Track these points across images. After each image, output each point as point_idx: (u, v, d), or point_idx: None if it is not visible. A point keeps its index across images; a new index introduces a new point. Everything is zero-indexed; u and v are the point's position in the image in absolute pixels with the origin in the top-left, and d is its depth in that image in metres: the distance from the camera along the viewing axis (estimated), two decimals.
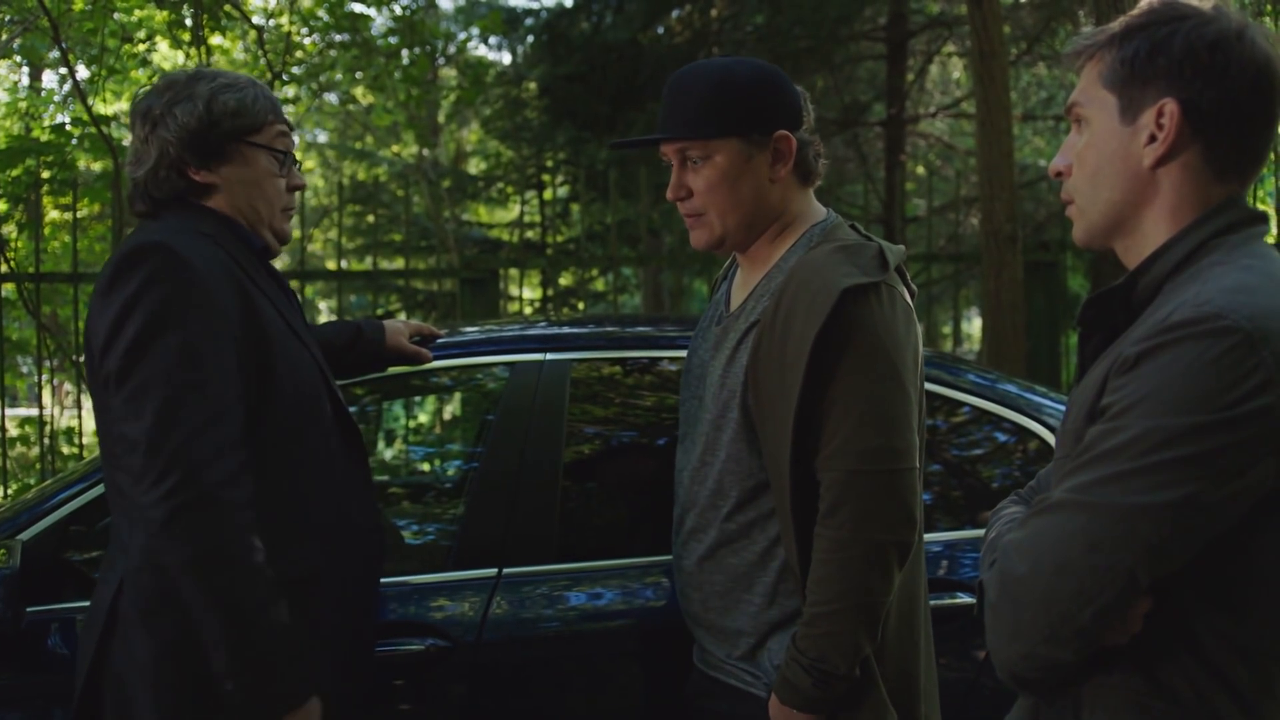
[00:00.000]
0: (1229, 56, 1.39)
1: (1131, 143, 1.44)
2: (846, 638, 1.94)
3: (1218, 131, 1.40)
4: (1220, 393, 1.24)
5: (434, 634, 2.48)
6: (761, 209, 2.12)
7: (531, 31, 10.84)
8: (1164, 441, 1.26)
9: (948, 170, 11.12)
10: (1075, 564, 1.30)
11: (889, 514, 1.94)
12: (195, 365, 1.90)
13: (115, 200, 5.70)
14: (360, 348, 2.58)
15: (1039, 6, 9.74)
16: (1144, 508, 1.27)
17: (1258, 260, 1.37)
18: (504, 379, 2.78)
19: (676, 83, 2.13)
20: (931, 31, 10.33)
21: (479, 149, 16.73)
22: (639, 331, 3.11)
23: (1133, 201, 1.45)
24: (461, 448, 3.72)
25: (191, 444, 1.86)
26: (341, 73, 9.26)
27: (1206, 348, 1.25)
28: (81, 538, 2.64)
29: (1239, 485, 1.26)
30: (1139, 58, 1.42)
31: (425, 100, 9.34)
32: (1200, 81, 1.39)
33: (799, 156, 2.11)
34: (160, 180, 2.09)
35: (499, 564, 2.57)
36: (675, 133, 2.10)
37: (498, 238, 11.21)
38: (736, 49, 10.20)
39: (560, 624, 2.57)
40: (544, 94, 10.26)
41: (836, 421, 1.95)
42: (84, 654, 2.02)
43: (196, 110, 2.08)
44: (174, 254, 1.95)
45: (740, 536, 2.10)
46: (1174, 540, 1.28)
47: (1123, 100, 1.44)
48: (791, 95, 2.12)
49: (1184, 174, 1.42)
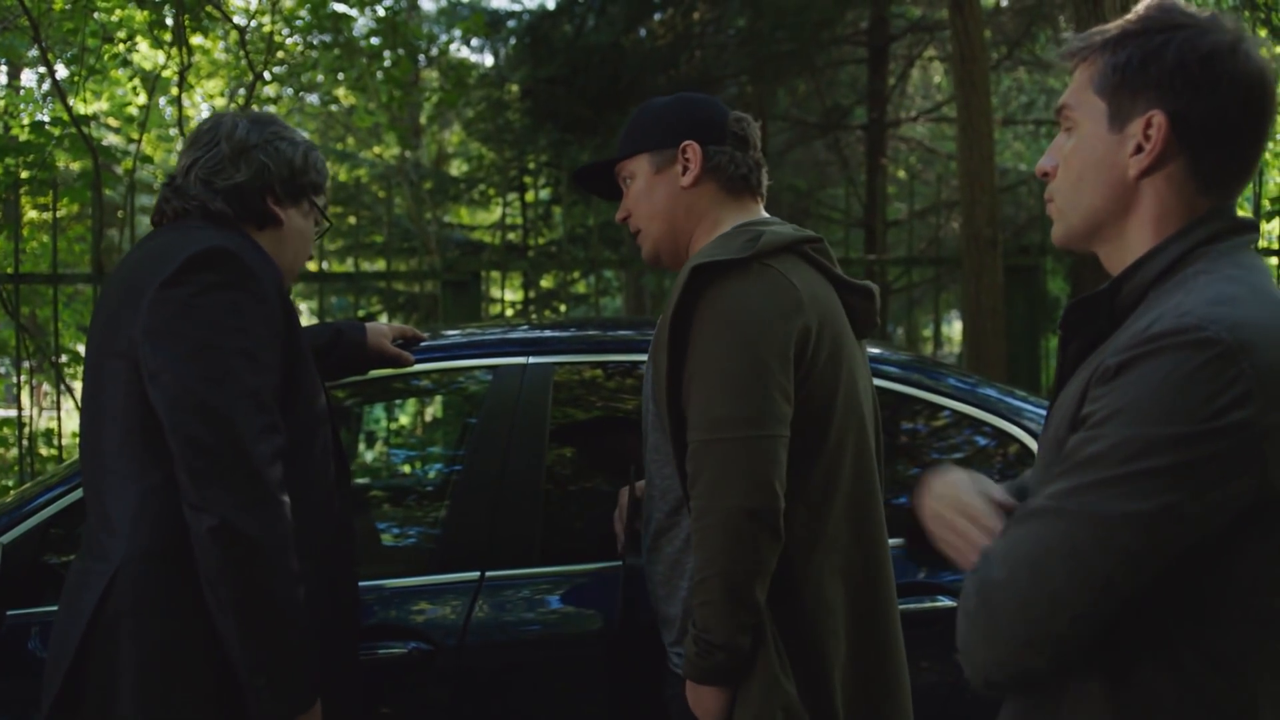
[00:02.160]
0: (1221, 70, 1.37)
1: (1118, 151, 1.43)
2: (717, 606, 1.99)
3: (1205, 145, 1.39)
4: (1200, 404, 1.23)
5: (416, 637, 2.47)
6: (677, 216, 2.27)
7: (514, 34, 10.83)
8: (1143, 451, 1.25)
9: (928, 174, 11.15)
10: (1053, 571, 1.29)
11: (738, 482, 1.98)
12: (256, 372, 1.98)
13: (96, 201, 5.68)
14: (340, 350, 2.57)
15: (1019, 12, 9.79)
16: (1123, 516, 1.26)
17: (1242, 271, 1.36)
18: (486, 382, 2.78)
19: None
20: (913, 36, 10.36)
21: (460, 151, 16.70)
22: (621, 335, 3.12)
23: (1115, 209, 1.44)
24: (443, 451, 3.71)
25: (255, 449, 1.93)
26: (323, 74, 9.24)
27: (1186, 359, 1.25)
28: (61, 541, 2.62)
29: (1217, 497, 1.25)
30: (1131, 65, 1.41)
31: (407, 102, 9.32)
32: (1190, 94, 1.38)
33: (710, 164, 2.24)
34: (244, 195, 2.19)
35: (482, 567, 2.56)
36: (605, 160, 2.36)
37: (480, 240, 11.19)
38: (718, 52, 10.21)
39: (543, 627, 2.57)
40: (526, 96, 10.24)
41: (692, 395, 2.04)
42: (61, 653, 2.00)
43: (298, 153, 2.25)
44: (241, 262, 2.03)
45: (671, 526, 2.20)
46: (1152, 550, 1.26)
47: (1112, 107, 1.43)
48: (704, 112, 2.28)
49: (1168, 185, 1.41)
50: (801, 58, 9.39)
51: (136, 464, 1.99)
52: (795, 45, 9.22)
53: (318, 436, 2.16)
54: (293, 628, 1.95)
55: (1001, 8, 10.00)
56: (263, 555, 1.91)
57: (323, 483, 2.15)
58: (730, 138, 2.26)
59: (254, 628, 1.92)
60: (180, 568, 1.94)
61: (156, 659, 1.94)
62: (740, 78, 10.09)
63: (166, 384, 1.95)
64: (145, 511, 1.97)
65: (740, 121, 2.29)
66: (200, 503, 1.90)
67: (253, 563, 1.90)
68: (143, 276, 2.03)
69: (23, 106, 6.58)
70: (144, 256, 2.09)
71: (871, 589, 2.17)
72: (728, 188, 2.26)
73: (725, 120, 2.28)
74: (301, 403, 2.11)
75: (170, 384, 1.94)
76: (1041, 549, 1.30)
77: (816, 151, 11.44)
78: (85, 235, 8.19)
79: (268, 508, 1.92)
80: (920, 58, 10.84)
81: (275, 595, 1.93)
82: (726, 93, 10.36)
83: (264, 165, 2.18)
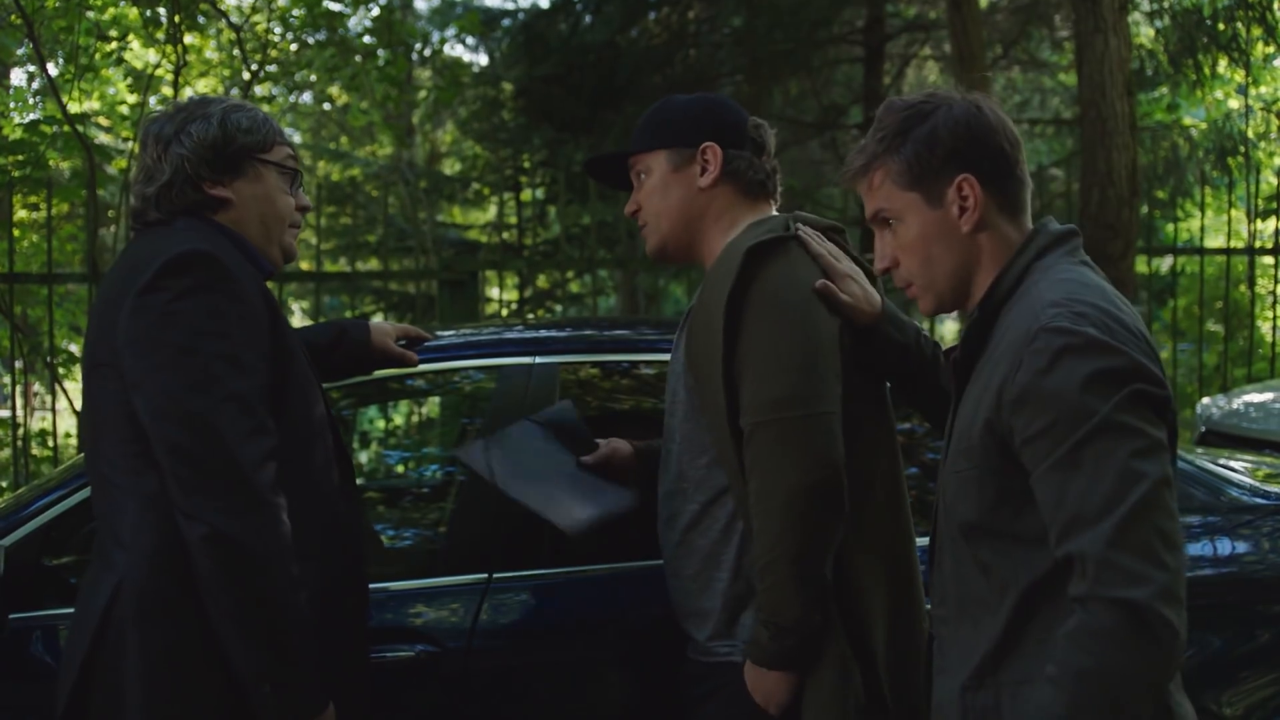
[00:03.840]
0: (982, 125, 1.72)
1: (946, 220, 1.73)
2: (786, 587, 2.01)
3: (1000, 184, 1.73)
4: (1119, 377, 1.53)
5: (423, 640, 2.45)
6: (692, 215, 2.29)
7: (509, 32, 10.80)
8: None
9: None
10: None
11: (799, 459, 2.00)
12: (240, 375, 1.94)
13: (91, 200, 5.63)
14: (344, 349, 2.54)
15: (1015, 11, 9.78)
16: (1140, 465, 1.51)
17: (1069, 274, 1.67)
18: (492, 383, 2.76)
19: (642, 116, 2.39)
20: (908, 35, 10.36)
21: (453, 150, 16.66)
22: (627, 335, 3.09)
23: (966, 262, 1.75)
24: (443, 452, 3.69)
25: (242, 453, 1.89)
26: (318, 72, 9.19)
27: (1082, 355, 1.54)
28: (63, 544, 2.59)
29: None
30: (921, 156, 1.72)
31: (402, 101, 9.29)
32: (975, 152, 1.71)
33: (729, 168, 2.27)
34: (175, 195, 2.12)
35: (489, 569, 2.54)
36: (620, 150, 2.38)
37: (476, 239, 11.16)
38: (714, 51, 10.20)
39: (551, 630, 2.55)
40: (521, 95, 10.22)
41: (746, 378, 2.06)
42: (71, 659, 1.99)
43: (211, 127, 2.14)
44: (219, 263, 1.99)
45: (704, 517, 2.20)
46: None
47: (923, 192, 1.73)
48: (727, 116, 2.31)
49: (994, 227, 1.74)
50: (798, 57, 9.38)
51: (132, 473, 1.96)
52: (791, 44, 9.21)
53: (317, 438, 2.12)
54: (294, 633, 1.92)
55: (998, 7, 9.99)
56: (257, 561, 1.88)
57: (326, 486, 2.12)
58: (749, 143, 2.30)
59: (254, 635, 1.89)
60: (183, 574, 1.91)
61: (163, 666, 1.92)
62: (736, 77, 10.08)
63: (148, 393, 1.92)
64: (146, 520, 1.94)
65: (759, 127, 2.33)
66: (191, 511, 1.87)
67: (248, 569, 1.87)
68: (122, 284, 2.00)
69: (13, 105, 6.52)
70: (124, 263, 2.07)
71: (907, 579, 2.21)
72: (744, 190, 2.30)
73: (745, 125, 2.31)
74: (295, 404, 2.07)
75: (152, 393, 1.92)
76: None
77: (812, 151, 11.43)
78: (76, 234, 8.14)
79: (259, 512, 1.89)
80: (916, 57, 10.83)
81: (274, 601, 1.90)
82: (722, 92, 10.34)
83: (181, 158, 2.11)
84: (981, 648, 1.66)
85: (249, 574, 1.88)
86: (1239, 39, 8.85)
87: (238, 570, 1.87)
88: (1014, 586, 1.62)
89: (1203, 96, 10.23)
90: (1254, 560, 2.75)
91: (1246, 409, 5.59)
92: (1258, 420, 5.43)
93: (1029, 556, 1.60)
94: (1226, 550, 2.74)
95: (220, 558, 1.86)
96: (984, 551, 1.66)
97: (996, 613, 1.64)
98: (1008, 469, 1.60)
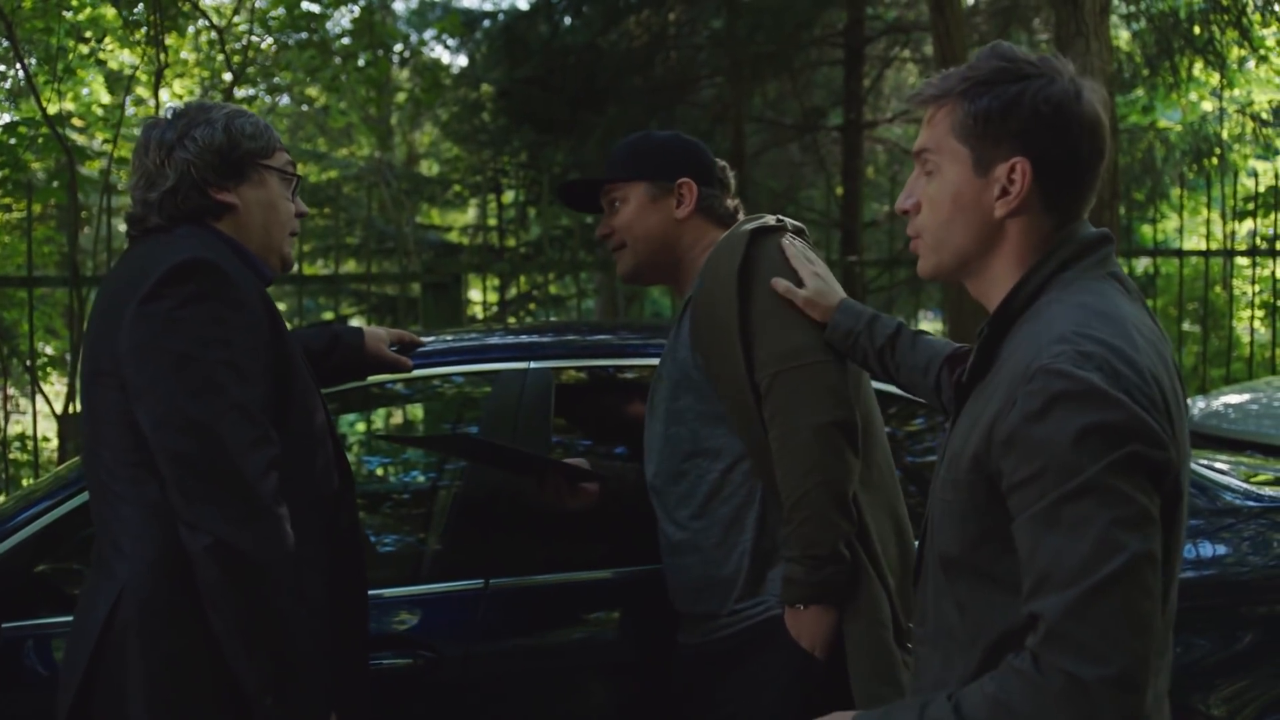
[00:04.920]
0: (1071, 116, 1.53)
1: (984, 194, 1.55)
2: (821, 517, 2.17)
3: (1059, 183, 1.55)
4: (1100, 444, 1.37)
5: (421, 647, 2.44)
6: (668, 245, 2.47)
7: (489, 34, 10.77)
8: None
9: (904, 175, 11.19)
10: None
11: (818, 398, 2.21)
12: (242, 384, 1.93)
13: (71, 203, 5.59)
14: (338, 355, 2.52)
15: (995, 14, 9.82)
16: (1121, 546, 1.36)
17: (1089, 296, 1.50)
18: (487, 387, 2.75)
19: (615, 146, 2.55)
20: (889, 38, 10.39)
21: (430, 152, 16.60)
22: (623, 340, 3.09)
23: (982, 247, 1.58)
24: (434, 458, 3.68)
25: (245, 462, 1.88)
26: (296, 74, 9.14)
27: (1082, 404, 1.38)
28: (55, 553, 2.57)
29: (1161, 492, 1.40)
30: (992, 115, 1.53)
31: (382, 102, 9.25)
32: (1048, 140, 1.53)
33: (703, 204, 2.47)
34: (180, 200, 2.11)
35: (486, 575, 2.53)
36: (599, 178, 2.51)
37: (458, 242, 11.12)
38: (694, 53, 10.20)
39: (548, 636, 2.54)
40: (502, 97, 10.19)
41: (761, 337, 2.26)
42: (73, 669, 1.97)
43: (216, 132, 2.13)
44: (221, 272, 1.97)
45: (724, 484, 2.31)
46: (1152, 559, 1.37)
47: (975, 153, 1.55)
48: (702, 157, 2.51)
49: (1029, 222, 1.56)
50: (779, 59, 9.39)
51: (134, 482, 1.95)
52: (773, 46, 9.22)
53: (318, 447, 2.11)
54: (297, 643, 1.91)
55: (977, 10, 10.04)
56: (261, 571, 1.87)
57: (326, 495, 2.11)
58: (718, 183, 2.51)
59: (257, 645, 1.88)
60: (185, 583, 1.90)
61: (164, 675, 1.90)
62: (716, 78, 10.08)
63: (150, 402, 1.90)
64: (148, 528, 1.93)
65: (725, 169, 2.56)
66: (194, 521, 1.86)
67: (252, 580, 1.86)
68: (123, 292, 1.98)
69: None
70: (124, 271, 2.06)
71: (908, 542, 2.36)
72: (716, 221, 2.50)
73: (714, 167, 2.53)
74: (296, 412, 2.06)
75: (154, 402, 1.90)
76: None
77: (792, 153, 11.45)
78: (53, 236, 8.07)
79: (263, 522, 1.88)
80: (896, 59, 10.87)
81: (277, 611, 1.89)
82: (703, 93, 10.35)
83: (186, 163, 2.09)
84: (950, 686, 1.53)
85: (252, 584, 1.86)
86: (1215, 42, 8.93)
87: (241, 580, 1.86)
88: (987, 634, 1.52)
89: (1178, 99, 10.31)
90: (1234, 563, 2.78)
91: (1226, 410, 5.64)
92: (1237, 421, 5.48)
93: (1006, 604, 1.48)
94: (1209, 553, 2.77)
95: (223, 568, 1.85)
96: (961, 589, 1.56)
97: (968, 654, 1.54)
98: (993, 508, 1.49)
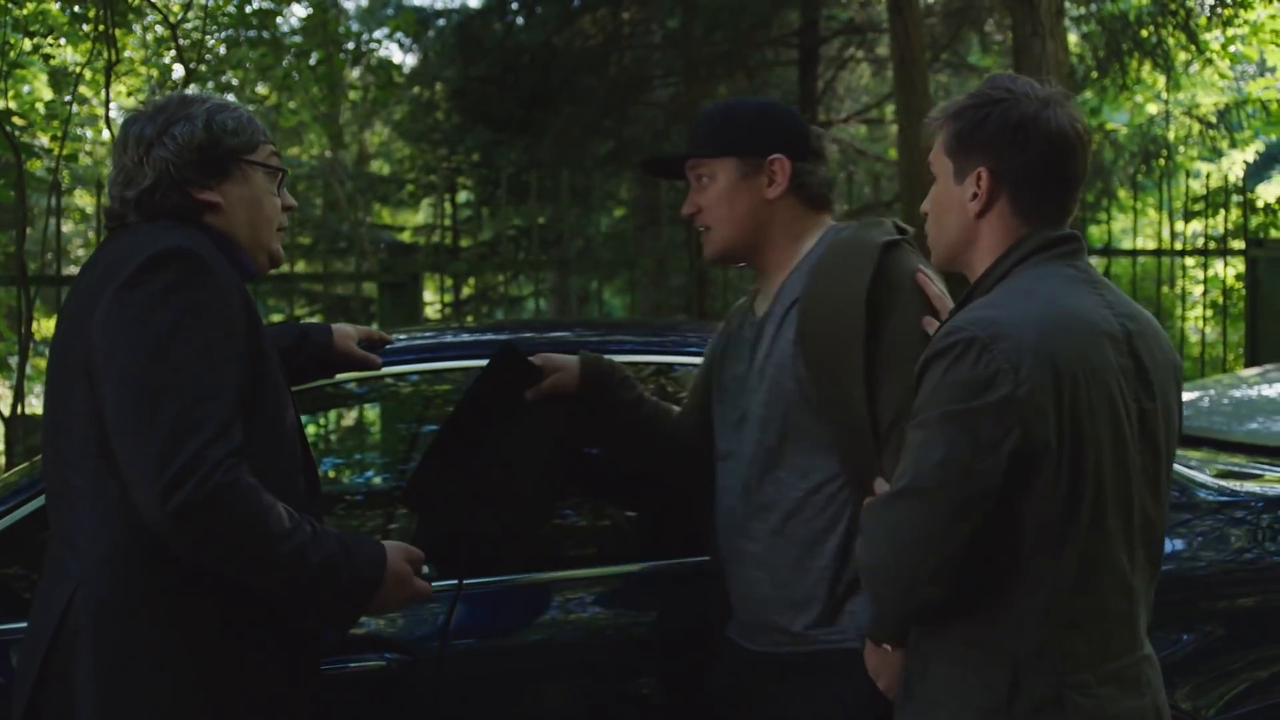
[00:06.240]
0: (1029, 134, 1.82)
1: (962, 198, 1.88)
2: None
3: (1019, 189, 1.84)
4: (969, 386, 1.70)
5: (394, 649, 2.41)
6: (759, 226, 2.31)
7: (443, 33, 10.71)
8: (941, 423, 1.72)
9: (859, 175, 11.26)
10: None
11: None
12: (213, 375, 1.87)
13: (19, 201, 5.49)
14: (306, 353, 2.49)
15: (949, 15, 9.91)
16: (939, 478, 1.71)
17: (1035, 283, 1.80)
18: (457, 385, 2.72)
19: (700, 113, 2.42)
20: (843, 38, 10.45)
21: (382, 151, 16.48)
22: (580, 336, 3.07)
23: (964, 241, 1.90)
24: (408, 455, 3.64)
25: (208, 450, 1.81)
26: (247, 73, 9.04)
27: (955, 356, 1.72)
28: (11, 557, 2.51)
29: (1000, 450, 1.68)
30: (964, 134, 1.86)
31: (335, 100, 9.17)
32: (1005, 154, 1.83)
33: (797, 182, 2.30)
34: (159, 199, 2.04)
35: (460, 575, 2.50)
36: (687, 153, 2.37)
37: (411, 242, 11.05)
38: (649, 53, 10.20)
39: (524, 636, 2.52)
40: (455, 96, 10.14)
41: (887, 370, 2.11)
42: (25, 675, 1.92)
43: (196, 129, 2.06)
44: (202, 261, 1.92)
45: (806, 505, 2.21)
46: (963, 504, 1.70)
47: (955, 165, 1.89)
48: (794, 127, 2.33)
49: (999, 221, 1.86)
50: (734, 59, 9.42)
51: (95, 477, 1.89)
52: (728, 46, 9.24)
53: (286, 446, 2.06)
54: (303, 551, 1.87)
55: (932, 10, 10.12)
56: (234, 502, 1.80)
57: (291, 496, 2.05)
58: (813, 154, 2.33)
59: (269, 575, 1.87)
60: (141, 584, 1.86)
61: (116, 680, 1.85)
62: (671, 78, 10.10)
63: (117, 389, 1.85)
64: (104, 527, 1.88)
65: (820, 137, 2.38)
66: (151, 498, 1.78)
67: (226, 519, 1.80)
68: (100, 281, 1.93)
69: None
70: (101, 261, 2.01)
71: None
72: (808, 202, 2.33)
73: (809, 136, 2.34)
74: (266, 410, 2.01)
75: (120, 389, 1.85)
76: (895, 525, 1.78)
77: None
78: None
79: (231, 499, 1.81)
80: (851, 60, 10.93)
81: (266, 534, 1.83)
82: (658, 93, 10.36)
83: (165, 161, 2.03)
84: None
85: (230, 523, 1.81)
86: (1163, 45, 9.08)
87: (217, 524, 1.80)
88: None
89: (1125, 101, 10.47)
90: (1192, 558, 2.80)
91: None
92: (1190, 418, 5.55)
93: None
94: (1167, 549, 2.78)
95: (195, 521, 1.79)
96: None
97: None
98: None
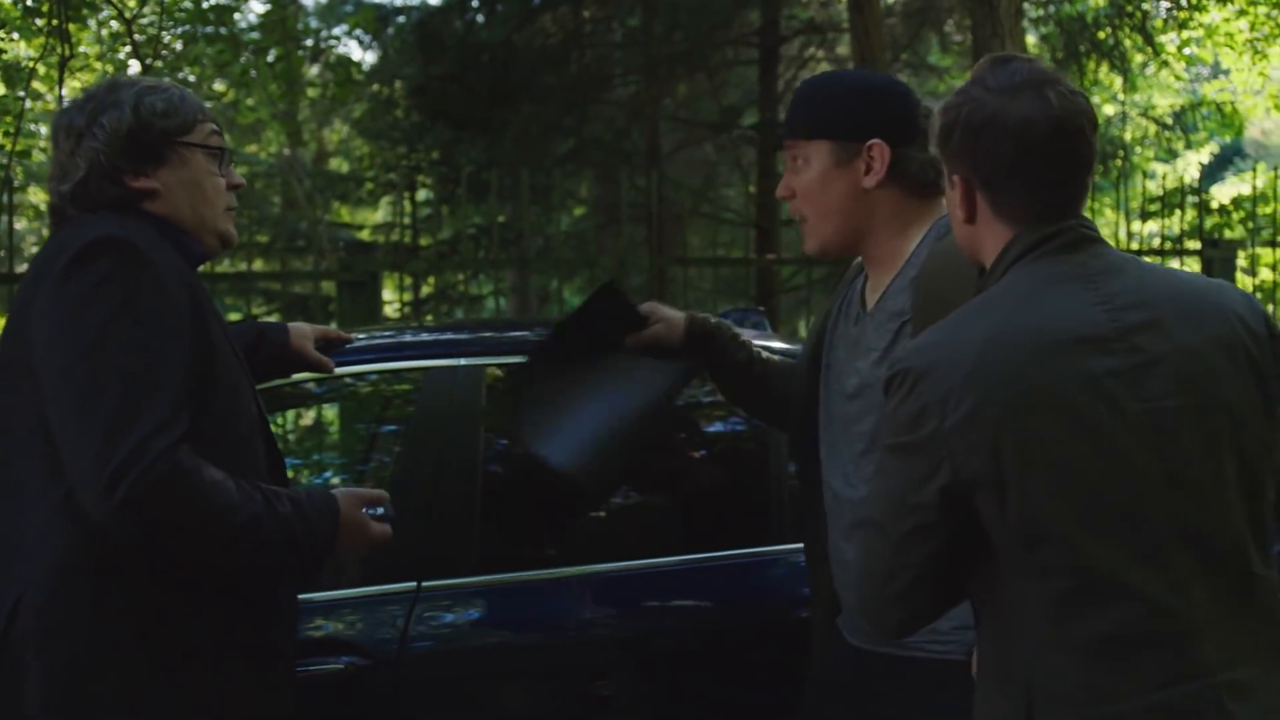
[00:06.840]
0: (992, 133, 1.68)
1: (953, 206, 1.77)
2: None
3: (993, 191, 1.71)
4: (903, 422, 1.64)
5: (353, 651, 2.38)
6: (858, 217, 2.12)
7: (402, 30, 10.64)
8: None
9: None
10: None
11: None
12: (155, 365, 1.82)
13: None
14: (263, 352, 2.44)
15: (909, 15, 9.96)
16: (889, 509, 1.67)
17: (1009, 290, 1.68)
18: (416, 385, 2.70)
19: (798, 89, 2.22)
20: (803, 37, 10.48)
21: (340, 149, 16.36)
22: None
23: (973, 249, 1.78)
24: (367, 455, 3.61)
25: (150, 442, 1.76)
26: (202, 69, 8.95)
27: (896, 388, 1.65)
28: None
29: (934, 484, 1.60)
30: (938, 143, 1.76)
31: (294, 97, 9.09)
32: (971, 159, 1.71)
33: (900, 169, 2.09)
34: (93, 190, 1.99)
35: (418, 577, 2.48)
36: (782, 134, 2.19)
37: (370, 240, 10.96)
38: (610, 51, 10.18)
39: (483, 638, 2.51)
40: (415, 93, 10.07)
41: None
42: None
43: (124, 115, 1.99)
44: (137, 250, 1.86)
45: None
46: (916, 531, 1.63)
47: (946, 172, 1.78)
48: (897, 107, 2.12)
49: (986, 226, 1.74)
50: (694, 58, 9.42)
51: (41, 477, 1.85)
52: (688, 45, 9.25)
53: (241, 432, 2.01)
54: (257, 521, 1.83)
55: (892, 11, 10.18)
56: (177, 484, 1.76)
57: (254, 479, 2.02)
58: (919, 138, 2.09)
59: (229, 550, 1.85)
60: (89, 588, 1.82)
61: (65, 687, 1.81)
62: (631, 77, 10.08)
63: (59, 389, 1.81)
64: (52, 530, 1.83)
65: (929, 118, 2.14)
66: (96, 495, 1.74)
67: (174, 501, 1.76)
68: (34, 278, 1.90)
69: None
70: (41, 257, 1.96)
71: None
72: (912, 191, 2.12)
73: (915, 117, 2.11)
74: (221, 401, 1.96)
75: (62, 388, 1.81)
76: None
77: (707, 152, 11.49)
78: None
79: (174, 485, 1.77)
80: (811, 59, 10.96)
81: (216, 509, 1.80)
82: (618, 91, 10.34)
83: (95, 151, 1.98)
84: None
85: (177, 502, 1.77)
86: (1120, 47, 9.18)
87: (166, 507, 1.77)
88: None
89: None
90: None
91: None
92: None
93: None
94: None
95: (146, 510, 1.75)
96: None
97: None
98: None
